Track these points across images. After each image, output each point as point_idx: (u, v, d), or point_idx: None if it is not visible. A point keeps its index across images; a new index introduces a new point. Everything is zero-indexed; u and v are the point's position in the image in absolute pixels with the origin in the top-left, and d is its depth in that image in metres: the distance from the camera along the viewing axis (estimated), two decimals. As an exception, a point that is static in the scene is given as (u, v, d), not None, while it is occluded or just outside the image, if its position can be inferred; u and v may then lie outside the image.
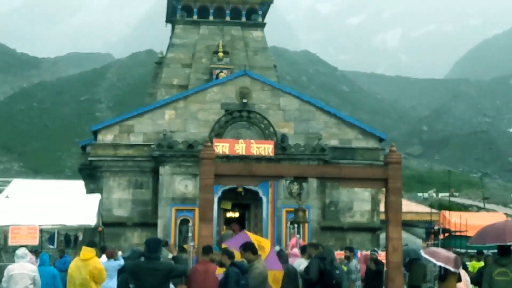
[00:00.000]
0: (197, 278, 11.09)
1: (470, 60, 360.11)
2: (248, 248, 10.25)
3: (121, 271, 14.42)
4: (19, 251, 12.81)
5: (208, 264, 11.27)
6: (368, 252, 20.01)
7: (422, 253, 16.03)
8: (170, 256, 12.73)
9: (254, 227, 30.09)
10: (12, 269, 12.42)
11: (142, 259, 9.83)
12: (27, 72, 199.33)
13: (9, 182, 33.90)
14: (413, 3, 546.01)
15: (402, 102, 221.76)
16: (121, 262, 15.97)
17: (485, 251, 23.96)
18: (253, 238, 12.51)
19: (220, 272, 10.51)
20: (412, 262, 17.93)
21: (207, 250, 11.75)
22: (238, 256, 10.77)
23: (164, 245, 11.02)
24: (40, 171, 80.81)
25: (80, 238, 32.27)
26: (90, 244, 14.51)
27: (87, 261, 13.13)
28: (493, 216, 48.13)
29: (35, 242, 23.30)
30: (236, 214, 31.31)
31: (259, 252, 10.92)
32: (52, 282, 13.99)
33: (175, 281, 12.02)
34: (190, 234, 23.72)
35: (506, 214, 58.44)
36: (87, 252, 13.37)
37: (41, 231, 25.48)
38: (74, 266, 13.48)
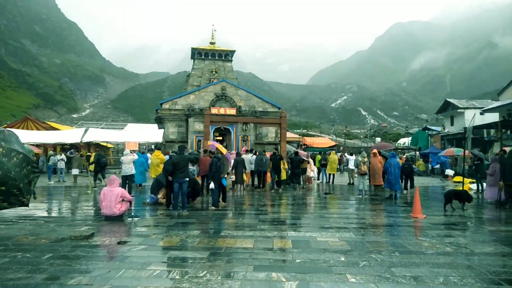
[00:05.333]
0: (203, 162, 12.14)
1: (318, 74, 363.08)
2: (219, 151, 11.87)
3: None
4: (125, 151, 14.20)
5: (207, 157, 12.04)
6: (274, 151, 18.48)
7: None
8: (187, 153, 11.58)
9: (228, 143, 30.81)
10: (123, 158, 13.34)
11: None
12: (136, 79, 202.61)
13: (126, 125, 36.15)
14: (297, 52, 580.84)
15: (288, 93, 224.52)
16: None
17: (322, 152, 26.60)
18: (219, 147, 13.27)
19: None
20: (292, 157, 15.90)
21: (206, 151, 12.96)
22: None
23: (185, 148, 9.79)
24: (140, 120, 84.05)
25: (153, 147, 30.83)
26: (158, 148, 17.22)
27: (158, 155, 14.80)
28: (323, 139, 48.48)
29: (136, 148, 24.25)
30: (220, 138, 31.60)
31: (221, 150, 12.44)
32: (142, 163, 14.70)
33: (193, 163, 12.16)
34: (201, 146, 25.97)
35: (330, 138, 57.76)
36: (157, 151, 15.29)
37: (139, 144, 27.52)
38: (153, 156, 15.22)
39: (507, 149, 12.62)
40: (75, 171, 17.98)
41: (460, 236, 6.85)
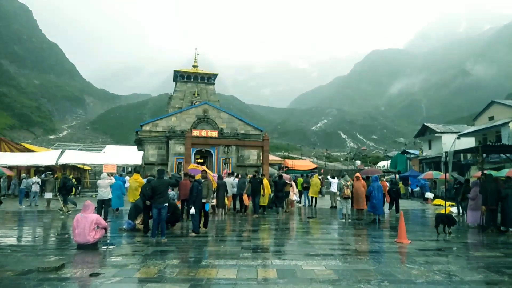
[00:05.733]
0: (183, 186, 11.64)
1: (299, 98, 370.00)
2: (204, 175, 10.71)
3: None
4: (102, 175, 13.20)
5: (187, 180, 11.35)
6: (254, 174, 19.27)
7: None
8: (167, 177, 11.46)
9: (209, 165, 29.70)
10: (99, 182, 12.63)
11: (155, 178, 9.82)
12: (116, 101, 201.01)
13: (105, 146, 35.11)
14: (278, 76, 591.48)
15: (269, 116, 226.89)
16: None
17: (304, 175, 24.73)
18: (207, 170, 11.99)
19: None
20: (276, 180, 15.16)
21: (186, 175, 12.26)
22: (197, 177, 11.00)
23: (165, 172, 9.41)
24: (120, 142, 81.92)
25: (130, 169, 29.55)
26: (137, 171, 16.41)
27: (137, 179, 14.00)
28: (304, 161, 47.86)
29: (114, 171, 23.78)
30: (201, 160, 30.93)
31: (208, 174, 11.13)
32: (120, 187, 14.24)
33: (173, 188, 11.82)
34: (182, 169, 25.71)
35: (310, 161, 57.75)
36: (136, 174, 14.54)
37: (117, 166, 26.67)
38: (131, 180, 14.34)
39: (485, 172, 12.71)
40: (48, 195, 17.19)
41: (448, 263, 6.68)
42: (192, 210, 9.31)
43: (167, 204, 8.75)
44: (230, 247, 8.09)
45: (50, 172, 26.66)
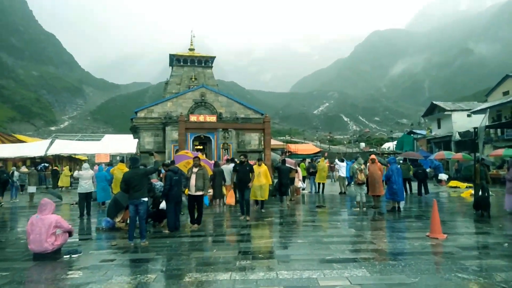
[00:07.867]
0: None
1: (300, 82, 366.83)
2: (197, 162, 8.79)
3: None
4: (84, 165, 11.56)
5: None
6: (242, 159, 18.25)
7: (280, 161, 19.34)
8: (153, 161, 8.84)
9: (209, 152, 29.25)
10: (82, 173, 11.23)
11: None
12: (116, 90, 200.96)
13: (103, 135, 34.27)
14: (279, 60, 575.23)
15: (270, 101, 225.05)
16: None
17: (308, 159, 26.00)
18: (201, 155, 10.75)
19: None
20: (279, 166, 13.35)
21: (169, 163, 10.41)
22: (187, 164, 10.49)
23: (138, 160, 7.38)
24: (121, 131, 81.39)
25: (118, 158, 29.29)
26: (122, 161, 14.06)
27: (122, 169, 12.00)
28: (307, 145, 47.56)
29: (107, 160, 24.06)
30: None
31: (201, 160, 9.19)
32: (105, 178, 12.75)
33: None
34: None
35: (314, 145, 57.80)
36: (121, 164, 12.85)
37: (111, 155, 27.26)
38: (117, 170, 12.55)
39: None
40: (31, 189, 15.68)
41: (510, 268, 5.02)
42: (163, 205, 7.90)
43: (145, 199, 7.06)
44: (224, 251, 6.41)
45: (45, 164, 25.32)
